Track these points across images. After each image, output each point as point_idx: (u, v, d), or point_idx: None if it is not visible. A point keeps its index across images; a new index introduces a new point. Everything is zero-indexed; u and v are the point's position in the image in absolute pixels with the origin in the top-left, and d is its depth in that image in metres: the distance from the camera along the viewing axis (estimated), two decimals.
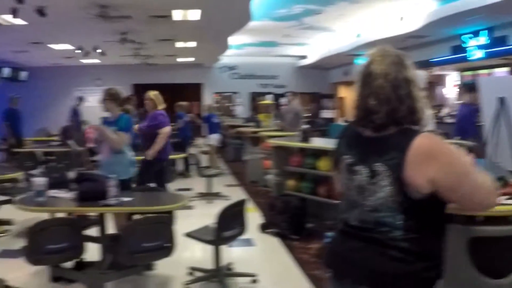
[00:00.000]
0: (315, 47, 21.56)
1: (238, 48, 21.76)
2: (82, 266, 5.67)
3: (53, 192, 5.57)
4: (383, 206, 2.34)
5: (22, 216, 8.51)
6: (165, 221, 5.01)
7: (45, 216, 6.90)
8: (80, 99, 16.44)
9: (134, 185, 7.11)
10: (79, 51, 18.36)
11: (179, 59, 23.85)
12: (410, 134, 2.32)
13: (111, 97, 6.46)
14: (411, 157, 2.25)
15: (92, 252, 5.51)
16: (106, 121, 6.51)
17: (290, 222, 7.79)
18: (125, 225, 5.49)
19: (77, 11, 12.12)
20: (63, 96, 25.65)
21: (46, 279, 5.90)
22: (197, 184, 11.81)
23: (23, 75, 24.74)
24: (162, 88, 25.35)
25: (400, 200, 2.30)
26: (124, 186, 5.68)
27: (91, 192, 5.27)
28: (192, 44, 18.34)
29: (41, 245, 4.76)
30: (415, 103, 2.40)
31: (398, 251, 2.30)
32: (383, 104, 2.37)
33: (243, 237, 5.99)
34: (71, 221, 5.15)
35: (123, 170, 6.26)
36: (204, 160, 13.90)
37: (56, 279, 5.84)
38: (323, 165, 7.58)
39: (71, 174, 5.84)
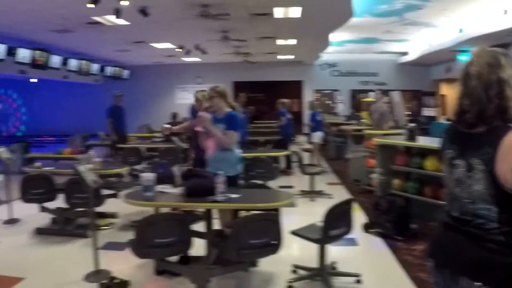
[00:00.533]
0: (416, 43, 21.04)
1: (339, 45, 21.51)
2: (186, 260, 5.69)
3: (161, 187, 5.61)
4: (479, 199, 2.45)
5: (126, 210, 8.74)
6: (273, 219, 4.95)
7: (149, 210, 7.02)
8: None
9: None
10: (180, 49, 18.63)
11: (280, 57, 23.79)
12: (502, 131, 2.39)
13: (219, 95, 6.42)
14: (502, 152, 2.34)
15: (196, 247, 5.50)
16: (214, 119, 6.47)
17: (394, 223, 7.58)
18: (235, 221, 5.46)
19: (178, 11, 12.28)
20: (164, 94, 26.22)
21: (151, 272, 5.97)
22: (299, 181, 11.73)
23: (125, 73, 25.42)
24: (262, 85, 25.62)
25: (493, 193, 2.40)
26: (231, 182, 5.63)
27: (199, 188, 5.28)
28: (293, 41, 18.27)
29: (150, 238, 4.80)
30: (506, 102, 2.45)
31: (495, 244, 2.38)
32: (475, 105, 2.48)
33: (347, 236, 5.84)
34: (180, 216, 5.17)
35: (231, 167, 6.21)
36: (306, 158, 13.77)
37: (160, 272, 5.90)
38: (430, 164, 7.32)
39: (175, 170, 5.85)
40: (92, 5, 10.45)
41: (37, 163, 9.12)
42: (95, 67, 21.84)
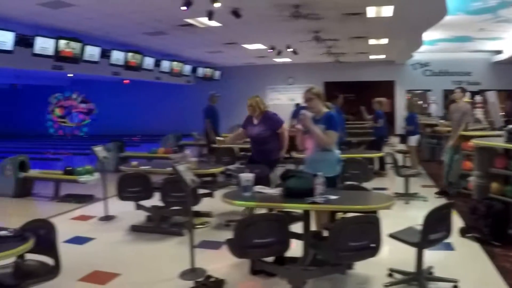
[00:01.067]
0: (511, 41, 20.38)
1: (431, 44, 21.02)
2: (282, 261, 5.66)
3: (259, 188, 5.62)
4: None
5: (220, 209, 8.82)
6: (373, 221, 4.87)
7: (244, 211, 7.05)
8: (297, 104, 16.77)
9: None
10: (272, 50, 18.68)
11: (371, 57, 23.52)
12: None
13: (317, 96, 6.40)
14: None
15: (292, 248, 5.47)
16: (312, 120, 6.43)
17: (492, 227, 7.31)
18: (334, 223, 5.41)
19: (270, 11, 12.30)
20: (255, 94, 26.21)
21: (246, 272, 5.98)
22: (392, 183, 11.55)
23: (216, 74, 25.72)
24: (352, 86, 25.39)
25: None
26: (330, 183, 5.58)
27: (298, 189, 5.25)
28: (384, 41, 18.01)
29: (248, 238, 4.80)
30: None
31: None
32: None
33: (445, 240, 5.69)
34: (279, 217, 5.15)
35: (329, 167, 6.15)
36: (401, 159, 13.53)
37: (255, 272, 5.89)
38: None
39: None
40: (185, 8, 10.62)
41: (134, 162, 9.34)
42: (187, 68, 22.21)
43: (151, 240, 7.68)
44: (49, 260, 4.76)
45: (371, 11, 12.40)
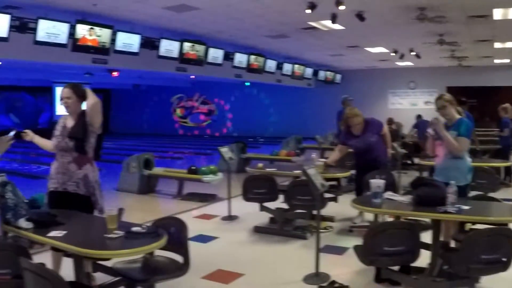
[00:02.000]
0: None
1: None
2: (408, 270, 5.53)
3: (388, 194, 5.54)
4: None
5: (343, 214, 8.74)
6: (507, 234, 4.67)
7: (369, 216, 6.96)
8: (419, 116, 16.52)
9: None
10: (394, 53, 18.42)
11: (496, 61, 22.67)
12: None
13: (450, 102, 6.22)
14: None
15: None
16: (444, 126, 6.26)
17: None
18: (467, 234, 5.23)
19: (394, 14, 12.14)
20: (376, 98, 25.93)
21: (371, 279, 5.85)
22: None
23: (337, 77, 25.60)
24: (475, 91, 24.52)
25: None
26: (461, 193, 5.41)
27: (430, 198, 5.13)
28: (510, 44, 17.34)
29: (379, 246, 4.73)
30: None
31: None
32: None
33: None
34: (411, 225, 5.04)
35: (461, 176, 5.97)
36: None
37: (380, 280, 5.77)
38: None
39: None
40: (310, 11, 10.64)
41: (260, 164, 9.45)
42: (308, 71, 22.29)
43: (274, 242, 7.71)
44: (177, 257, 4.86)
45: (497, 13, 11.95)
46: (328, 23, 12.50)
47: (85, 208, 5.37)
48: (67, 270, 4.37)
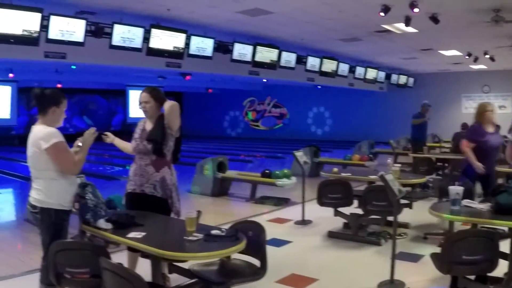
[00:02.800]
0: None
1: None
2: (485, 280, 5.38)
3: (467, 202, 5.43)
4: None
5: (418, 221, 8.60)
6: None
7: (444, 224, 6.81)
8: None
9: None
10: (468, 57, 18.08)
11: None
12: None
13: None
14: None
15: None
16: None
17: None
18: None
19: (469, 16, 11.93)
20: (449, 102, 25.45)
21: (445, 287, 5.72)
22: None
23: (410, 81, 25.28)
24: None
25: None
26: None
27: (509, 206, 5.01)
28: None
29: (457, 254, 4.62)
30: None
31: None
32: None
33: None
34: (490, 234, 4.90)
35: None
36: None
37: None
38: None
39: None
40: (383, 14, 10.56)
41: (335, 168, 9.40)
42: (381, 75, 22.08)
43: (348, 248, 7.63)
44: (253, 260, 4.87)
45: None
46: (401, 26, 12.40)
47: (162, 210, 5.44)
48: (141, 271, 4.41)
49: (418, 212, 8.05)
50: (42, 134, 4.63)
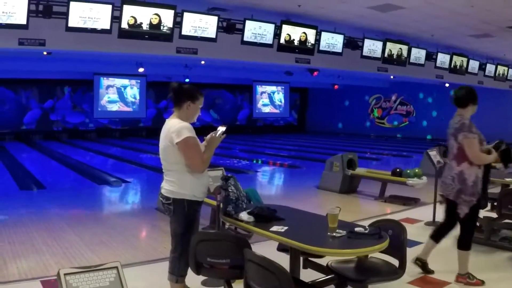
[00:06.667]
0: None
1: None
2: None
3: None
4: None
5: None
6: None
7: None
8: None
9: None
10: None
11: None
12: None
13: None
14: None
15: None
16: None
17: None
18: None
19: None
20: None
21: None
22: None
23: None
24: None
25: None
26: None
27: None
28: None
29: None
30: None
31: None
32: None
33: None
34: None
35: None
36: None
37: None
38: None
39: None
40: None
41: None
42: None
43: (479, 252, 7.33)
44: (391, 260, 4.83)
45: None
46: None
47: None
48: None
49: None
50: (175, 128, 4.77)
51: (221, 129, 4.95)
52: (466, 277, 6.01)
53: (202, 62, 17.47)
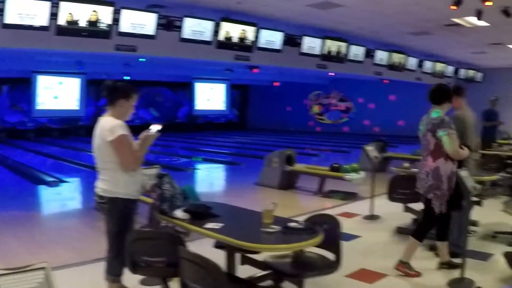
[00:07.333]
0: None
1: None
2: None
3: None
4: None
5: (487, 219, 8.42)
6: None
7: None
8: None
9: None
10: None
11: None
12: None
13: None
14: None
15: None
16: None
17: None
18: None
19: None
20: None
21: None
22: None
23: (478, 76, 24.88)
24: None
25: None
26: None
27: None
28: None
29: None
30: None
31: None
32: None
33: None
34: None
35: None
36: None
37: None
38: None
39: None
40: (455, 7, 10.41)
41: (405, 164, 9.30)
42: (449, 69, 21.83)
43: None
44: (327, 254, 4.89)
45: None
46: (472, 19, 12.21)
47: None
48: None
49: (487, 210, 7.90)
50: (109, 126, 4.74)
51: (156, 127, 4.92)
52: (405, 267, 6.16)
53: (141, 60, 17.31)
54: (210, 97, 33.41)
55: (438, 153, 5.92)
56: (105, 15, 10.23)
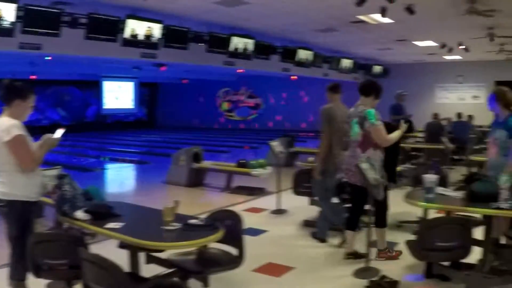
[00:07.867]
0: None
1: None
2: (458, 266, 5.47)
3: (441, 190, 5.50)
4: None
5: (391, 209, 8.65)
6: None
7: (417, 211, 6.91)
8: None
9: None
10: (442, 48, 18.22)
11: None
12: None
13: (498, 97, 6.08)
14: None
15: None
16: (495, 122, 6.17)
17: None
18: None
19: (444, 8, 12.02)
20: (423, 93, 25.63)
21: (420, 274, 5.76)
22: None
23: (385, 71, 25.50)
24: None
25: None
26: None
27: (483, 193, 5.06)
28: None
29: (431, 241, 4.72)
30: None
31: None
32: None
33: None
34: (464, 221, 4.99)
35: None
36: None
37: (430, 275, 5.71)
38: None
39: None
40: (357, 5, 10.61)
41: (310, 158, 9.44)
42: (356, 65, 22.24)
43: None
44: (230, 249, 4.94)
45: None
46: (377, 16, 12.44)
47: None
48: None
49: (392, 201, 8.11)
50: (5, 126, 4.61)
51: (60, 132, 4.85)
52: (386, 252, 6.35)
53: (47, 58, 16.88)
54: (118, 95, 32.75)
55: (367, 143, 6.11)
56: (8, 12, 9.91)
